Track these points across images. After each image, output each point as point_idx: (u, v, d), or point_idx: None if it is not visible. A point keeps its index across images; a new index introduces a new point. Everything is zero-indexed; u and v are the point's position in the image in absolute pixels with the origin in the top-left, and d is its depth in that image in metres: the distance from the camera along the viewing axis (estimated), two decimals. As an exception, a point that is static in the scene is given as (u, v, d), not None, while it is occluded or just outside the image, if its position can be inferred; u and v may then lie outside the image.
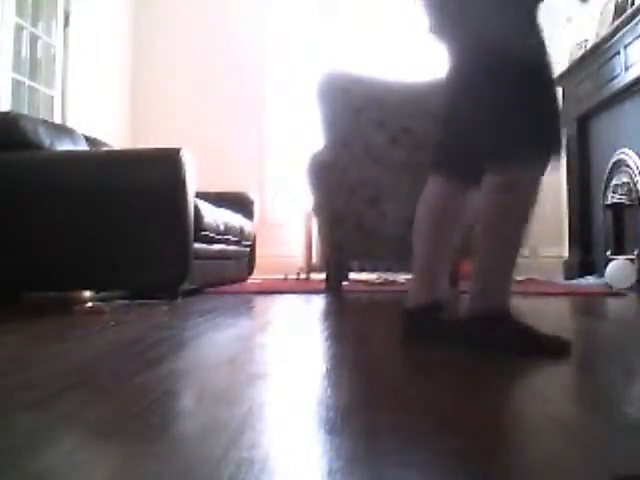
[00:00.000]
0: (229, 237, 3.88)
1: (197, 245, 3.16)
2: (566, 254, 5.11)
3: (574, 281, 4.53)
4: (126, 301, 2.92)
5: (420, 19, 1.91)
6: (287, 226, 5.68)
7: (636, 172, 3.75)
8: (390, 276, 4.62)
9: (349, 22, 5.74)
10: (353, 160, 3.23)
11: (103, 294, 3.09)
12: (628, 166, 3.86)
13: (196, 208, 3.13)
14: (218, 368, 1.36)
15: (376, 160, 3.21)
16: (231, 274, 4.18)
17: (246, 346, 1.68)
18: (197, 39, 5.84)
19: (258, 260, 4.81)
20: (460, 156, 1.79)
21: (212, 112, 5.79)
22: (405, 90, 3.32)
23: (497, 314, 1.59)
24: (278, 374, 1.31)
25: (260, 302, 3.10)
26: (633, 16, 3.60)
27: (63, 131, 3.44)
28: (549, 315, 2.57)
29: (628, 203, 3.95)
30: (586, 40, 4.58)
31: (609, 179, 4.16)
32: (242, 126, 5.83)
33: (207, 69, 5.82)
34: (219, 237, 3.63)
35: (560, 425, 0.91)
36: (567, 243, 5.09)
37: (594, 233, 4.61)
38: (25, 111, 4.09)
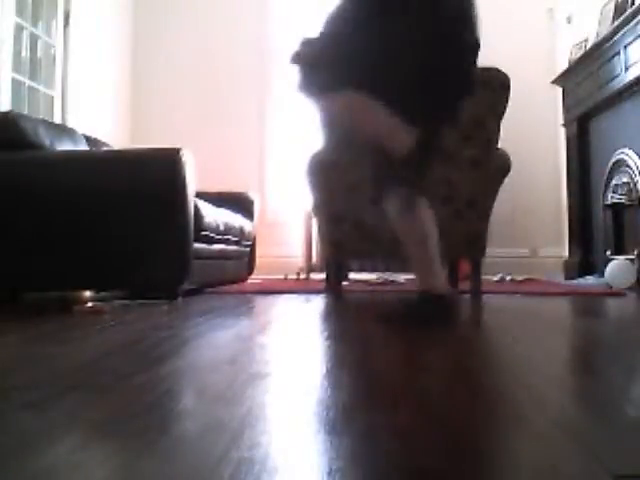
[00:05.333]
0: (229, 237, 3.88)
1: (197, 245, 3.16)
2: (566, 254, 5.11)
3: (574, 281, 4.53)
4: (126, 301, 2.92)
5: None
6: (287, 226, 5.68)
7: (636, 172, 3.75)
8: (390, 276, 4.62)
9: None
10: (353, 159, 3.22)
11: (103, 294, 3.09)
12: (628, 166, 3.86)
13: (196, 208, 3.13)
14: (218, 368, 1.36)
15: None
16: (231, 274, 4.18)
17: (246, 346, 1.68)
18: (197, 39, 5.84)
19: (258, 260, 4.81)
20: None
21: (212, 112, 5.79)
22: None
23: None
24: (278, 374, 1.31)
25: (260, 302, 3.10)
26: (633, 16, 3.59)
27: (63, 131, 3.44)
28: (549, 315, 2.57)
29: (628, 203, 3.95)
30: (586, 40, 4.58)
31: (609, 179, 4.15)
32: (242, 126, 5.83)
33: (207, 69, 5.82)
34: (219, 237, 3.63)
35: (560, 425, 0.91)
36: (567, 243, 5.09)
37: (594, 233, 4.61)
38: (25, 111, 4.09)
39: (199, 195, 3.21)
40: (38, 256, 2.91)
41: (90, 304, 2.64)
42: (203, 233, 3.29)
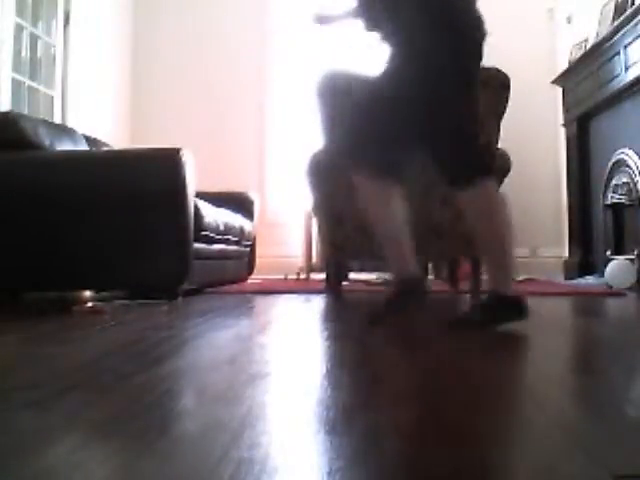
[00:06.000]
0: (229, 237, 3.88)
1: (197, 245, 3.16)
2: (566, 254, 5.11)
3: (574, 281, 4.53)
4: (126, 301, 2.92)
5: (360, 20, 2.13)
6: (287, 226, 5.68)
7: (636, 172, 3.75)
8: (390, 276, 4.62)
9: (349, 21, 5.73)
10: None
11: (103, 294, 3.09)
12: (628, 166, 3.86)
13: (196, 208, 3.13)
14: (218, 368, 1.36)
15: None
16: (231, 274, 4.18)
17: (246, 346, 1.68)
18: (197, 39, 5.83)
19: (258, 260, 4.81)
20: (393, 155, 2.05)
21: (212, 112, 5.79)
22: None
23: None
24: (278, 374, 1.31)
25: (260, 302, 3.10)
26: (633, 16, 3.59)
27: (63, 131, 3.44)
28: (549, 315, 2.57)
29: (628, 203, 3.95)
30: (586, 40, 4.58)
31: (609, 179, 4.15)
32: (242, 126, 5.83)
33: (207, 69, 5.82)
34: (219, 237, 3.63)
35: (560, 425, 0.91)
36: (567, 243, 5.09)
37: (594, 233, 4.61)
38: (25, 111, 4.08)
39: (199, 195, 3.21)
40: (38, 256, 2.91)
41: (90, 304, 2.64)
42: (203, 233, 3.29)
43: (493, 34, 2.05)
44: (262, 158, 5.85)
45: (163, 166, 2.97)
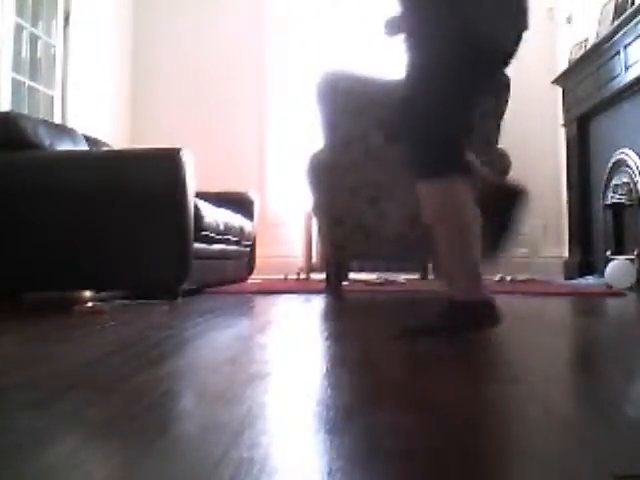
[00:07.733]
0: (229, 237, 3.88)
1: (197, 245, 3.16)
2: (566, 254, 5.11)
3: (574, 281, 4.53)
4: (126, 301, 2.92)
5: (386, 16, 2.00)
6: (287, 226, 5.68)
7: (636, 172, 3.75)
8: (390, 276, 4.62)
9: (350, 21, 5.74)
10: (353, 160, 3.23)
11: (103, 294, 3.09)
12: (628, 166, 3.86)
13: (196, 208, 3.13)
14: (218, 368, 1.36)
15: (376, 160, 3.21)
16: (231, 274, 4.18)
17: (246, 346, 1.68)
18: (197, 39, 5.84)
19: (258, 260, 4.81)
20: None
21: (212, 112, 5.79)
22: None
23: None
24: (278, 374, 1.31)
25: (260, 302, 3.10)
26: (633, 16, 3.59)
27: (63, 131, 3.44)
28: (549, 315, 2.57)
29: (628, 203, 3.95)
30: (586, 40, 4.58)
31: (609, 179, 4.15)
32: (242, 126, 5.83)
33: (207, 69, 5.83)
34: (219, 237, 3.63)
35: (560, 424, 0.91)
36: (567, 243, 5.09)
37: (594, 233, 4.61)
38: (25, 111, 4.09)
39: (199, 195, 3.21)
40: (38, 256, 2.92)
41: (90, 304, 2.64)
42: (203, 233, 3.29)
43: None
44: (262, 158, 5.85)
45: (163, 166, 2.98)
